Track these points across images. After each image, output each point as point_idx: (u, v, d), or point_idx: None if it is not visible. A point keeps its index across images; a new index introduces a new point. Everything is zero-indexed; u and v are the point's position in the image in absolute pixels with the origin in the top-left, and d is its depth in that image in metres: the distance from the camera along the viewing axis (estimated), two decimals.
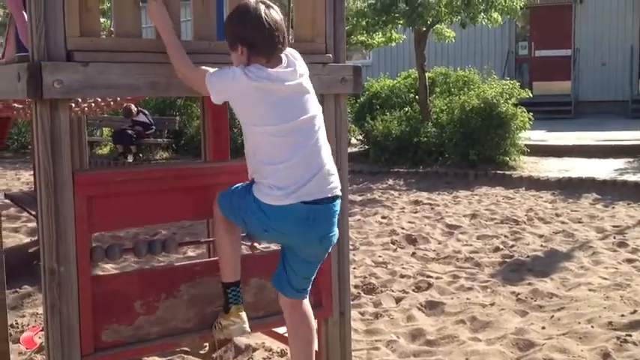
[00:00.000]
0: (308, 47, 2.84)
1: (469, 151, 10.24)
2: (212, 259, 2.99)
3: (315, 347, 2.75)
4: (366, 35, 12.35)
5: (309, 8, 2.87)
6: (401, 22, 11.05)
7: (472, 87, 11.90)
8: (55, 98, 2.26)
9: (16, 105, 3.85)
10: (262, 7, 2.37)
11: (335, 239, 2.55)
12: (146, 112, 12.49)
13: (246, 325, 2.59)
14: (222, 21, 2.70)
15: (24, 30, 5.14)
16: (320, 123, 2.49)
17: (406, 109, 11.68)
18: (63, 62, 2.27)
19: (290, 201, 2.37)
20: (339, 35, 2.94)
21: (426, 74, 11.55)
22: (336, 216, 2.50)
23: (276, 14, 2.39)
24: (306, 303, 2.65)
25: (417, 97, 11.93)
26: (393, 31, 12.30)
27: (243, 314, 2.59)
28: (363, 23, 11.55)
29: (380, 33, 12.19)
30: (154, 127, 12.41)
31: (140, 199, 2.54)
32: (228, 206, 2.55)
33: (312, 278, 2.64)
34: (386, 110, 11.67)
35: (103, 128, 14.08)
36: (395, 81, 13.04)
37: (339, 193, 2.50)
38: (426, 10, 10.42)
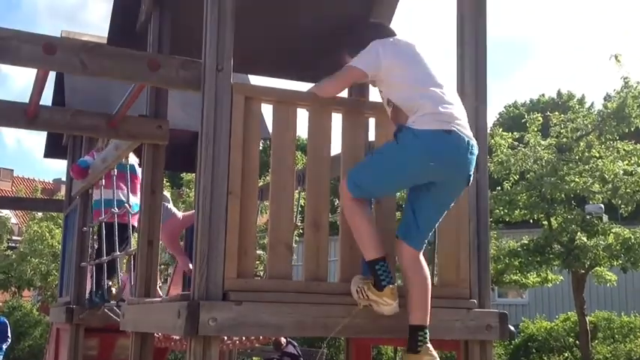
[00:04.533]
0: (452, 292, 2.85)
1: None
2: None
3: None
4: (519, 274, 12.03)
5: (454, 253, 2.93)
6: (556, 263, 10.74)
7: (639, 334, 10.98)
8: (208, 335, 2.41)
9: (174, 336, 4.09)
10: None
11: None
12: (295, 343, 12.64)
13: (397, 307, 2.57)
14: None
15: (183, 262, 5.68)
16: None
17: (566, 354, 10.89)
18: (219, 301, 2.46)
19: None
20: (484, 281, 2.94)
21: (587, 318, 10.87)
22: None
23: None
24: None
25: (577, 342, 11.13)
26: (548, 272, 11.91)
27: (396, 295, 2.55)
28: (516, 263, 11.29)
29: (534, 273, 11.84)
30: (302, 358, 12.45)
31: None
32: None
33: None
34: (543, 354, 10.95)
35: (253, 357, 14.30)
36: (553, 323, 12.36)
37: None
38: (582, 252, 10.10)
